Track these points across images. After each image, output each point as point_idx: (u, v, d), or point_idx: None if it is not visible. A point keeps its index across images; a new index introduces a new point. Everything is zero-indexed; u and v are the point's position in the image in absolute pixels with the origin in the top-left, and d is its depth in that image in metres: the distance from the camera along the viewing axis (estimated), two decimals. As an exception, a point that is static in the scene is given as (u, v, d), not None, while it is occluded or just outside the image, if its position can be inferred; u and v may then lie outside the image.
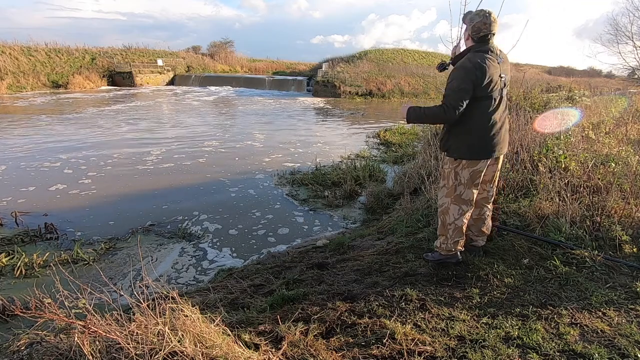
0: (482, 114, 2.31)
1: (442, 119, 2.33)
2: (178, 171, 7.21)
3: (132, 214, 5.14)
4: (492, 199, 2.68)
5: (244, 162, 7.95)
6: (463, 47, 2.45)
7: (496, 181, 2.63)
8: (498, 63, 2.26)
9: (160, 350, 1.46)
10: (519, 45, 3.65)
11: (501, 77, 2.28)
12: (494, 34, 2.26)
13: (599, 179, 3.35)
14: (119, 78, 26.94)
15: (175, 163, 7.74)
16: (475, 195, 2.50)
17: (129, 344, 1.47)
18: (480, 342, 1.85)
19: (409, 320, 2.05)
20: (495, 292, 2.30)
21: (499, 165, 2.56)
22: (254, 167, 7.56)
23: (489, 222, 2.73)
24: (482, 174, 2.44)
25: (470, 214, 2.56)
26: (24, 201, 5.44)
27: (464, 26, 2.35)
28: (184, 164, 7.70)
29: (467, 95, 2.22)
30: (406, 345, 1.82)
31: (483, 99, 2.28)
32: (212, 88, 27.01)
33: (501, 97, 2.34)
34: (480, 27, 2.22)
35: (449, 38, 4.27)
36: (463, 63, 2.28)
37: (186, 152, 8.68)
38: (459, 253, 2.59)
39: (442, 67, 2.63)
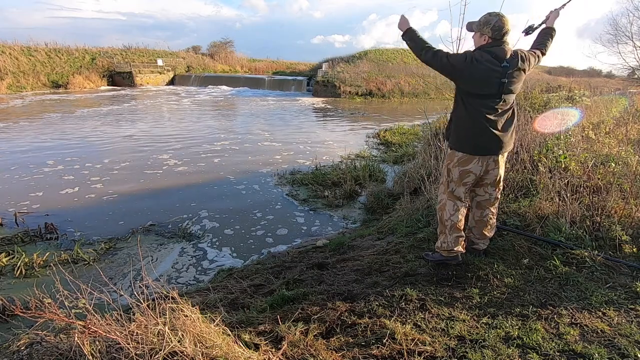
0: (472, 111, 2.37)
1: (417, 53, 2.47)
2: (177, 172, 7.21)
3: (133, 214, 5.14)
4: (496, 202, 2.68)
5: (242, 163, 7.95)
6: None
7: (500, 185, 2.61)
8: (502, 66, 2.26)
9: (160, 350, 1.46)
10: (519, 45, 3.66)
11: (503, 82, 2.28)
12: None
13: (599, 179, 3.35)
14: (119, 78, 26.97)
15: (174, 164, 7.74)
16: (464, 194, 2.54)
17: (129, 344, 1.47)
18: (480, 342, 1.85)
19: (409, 320, 2.05)
20: (495, 292, 2.30)
21: (501, 170, 2.55)
22: (252, 168, 7.56)
23: (492, 225, 2.71)
24: (474, 175, 2.47)
25: (464, 211, 2.58)
26: (24, 201, 5.44)
27: (475, 33, 2.38)
28: (183, 165, 7.71)
29: (445, 64, 2.35)
30: (406, 345, 1.82)
31: (473, 97, 2.35)
32: (212, 88, 27.02)
33: (502, 100, 2.33)
34: (501, 26, 2.26)
35: (449, 38, 4.28)
36: (466, 52, 2.40)
37: (185, 153, 8.68)
38: (459, 255, 2.59)
39: (529, 30, 2.69)
